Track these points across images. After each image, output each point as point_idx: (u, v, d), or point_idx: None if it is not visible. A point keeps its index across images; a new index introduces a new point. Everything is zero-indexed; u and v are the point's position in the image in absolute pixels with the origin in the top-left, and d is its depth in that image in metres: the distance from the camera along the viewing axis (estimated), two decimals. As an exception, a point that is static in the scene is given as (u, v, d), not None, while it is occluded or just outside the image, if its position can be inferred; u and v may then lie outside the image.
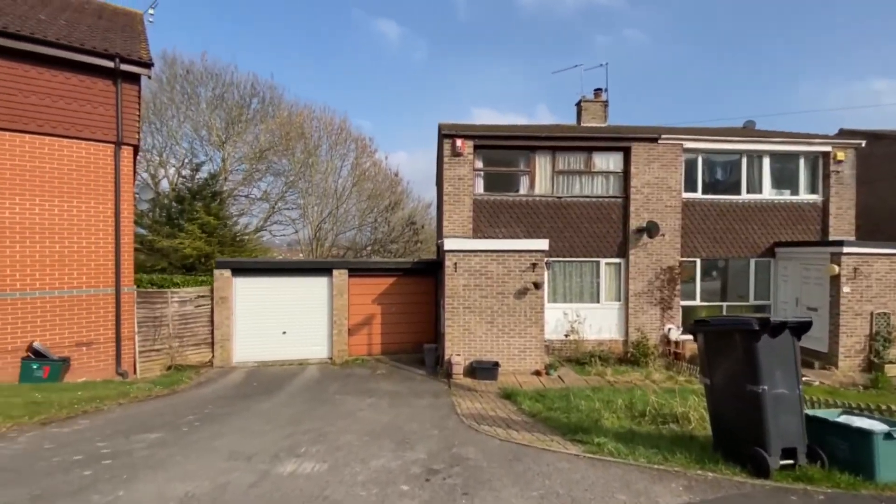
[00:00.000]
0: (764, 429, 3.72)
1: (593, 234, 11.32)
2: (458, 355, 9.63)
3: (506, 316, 9.86)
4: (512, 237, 11.10)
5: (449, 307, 9.80)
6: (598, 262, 11.35)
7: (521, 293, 9.84)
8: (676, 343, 10.88)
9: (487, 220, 11.45)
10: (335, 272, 11.39)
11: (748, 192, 11.59)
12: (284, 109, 21.66)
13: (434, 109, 62.09)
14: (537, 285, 9.76)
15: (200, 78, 20.24)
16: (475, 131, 11.62)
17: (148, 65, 8.96)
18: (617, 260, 11.32)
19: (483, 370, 9.31)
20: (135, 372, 9.48)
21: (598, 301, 11.32)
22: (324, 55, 58.61)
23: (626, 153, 11.25)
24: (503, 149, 11.66)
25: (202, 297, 10.93)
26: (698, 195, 11.49)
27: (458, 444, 4.74)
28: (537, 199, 11.39)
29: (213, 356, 10.88)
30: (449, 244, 9.93)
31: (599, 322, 11.16)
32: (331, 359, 11.33)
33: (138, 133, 9.34)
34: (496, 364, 9.38)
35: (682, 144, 11.27)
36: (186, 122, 20.78)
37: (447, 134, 11.26)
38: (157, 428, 5.16)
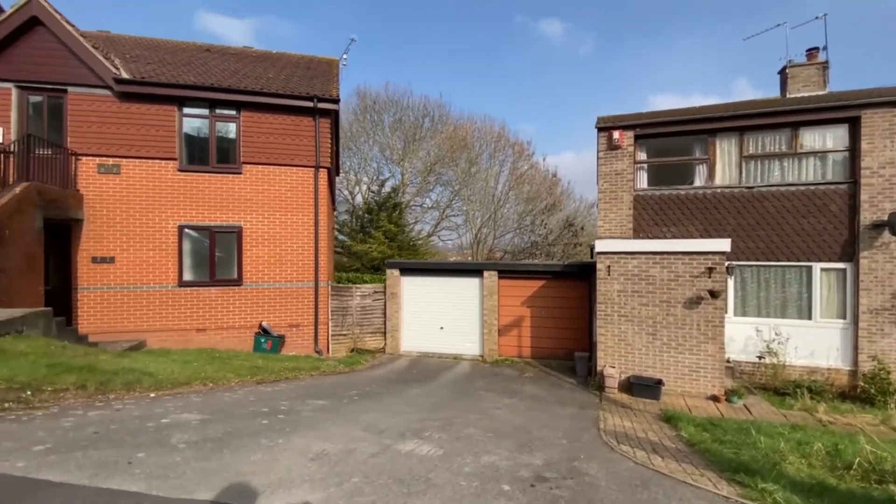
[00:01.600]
0: None
1: (800, 231, 8.95)
2: (612, 367, 8.81)
3: (672, 328, 8.59)
4: (684, 237, 9.62)
5: (601, 314, 9.08)
6: (808, 268, 8.91)
7: (693, 302, 8.43)
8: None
9: (652, 218, 10.19)
10: (485, 273, 11.77)
11: None
12: (451, 124, 23.46)
13: (603, 104, 57.97)
14: (714, 294, 8.22)
15: (384, 106, 23.54)
16: (636, 120, 10.48)
17: (336, 100, 10.91)
18: (840, 265, 8.68)
19: (642, 387, 8.30)
20: (328, 351, 11.59)
21: (808, 317, 8.88)
22: (487, 66, 61.14)
23: (854, 125, 8.56)
24: (672, 135, 10.21)
25: (377, 292, 12.66)
26: None
27: (583, 457, 4.38)
28: (718, 191, 9.61)
29: (385, 343, 12.48)
30: (600, 245, 9.21)
31: (811, 344, 8.74)
32: (482, 356, 11.72)
33: (330, 157, 11.45)
34: (659, 382, 8.25)
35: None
36: (375, 145, 24.42)
37: (603, 127, 10.47)
38: (326, 397, 6.25)
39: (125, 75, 9.65)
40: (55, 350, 6.01)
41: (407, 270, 12.62)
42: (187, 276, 10.31)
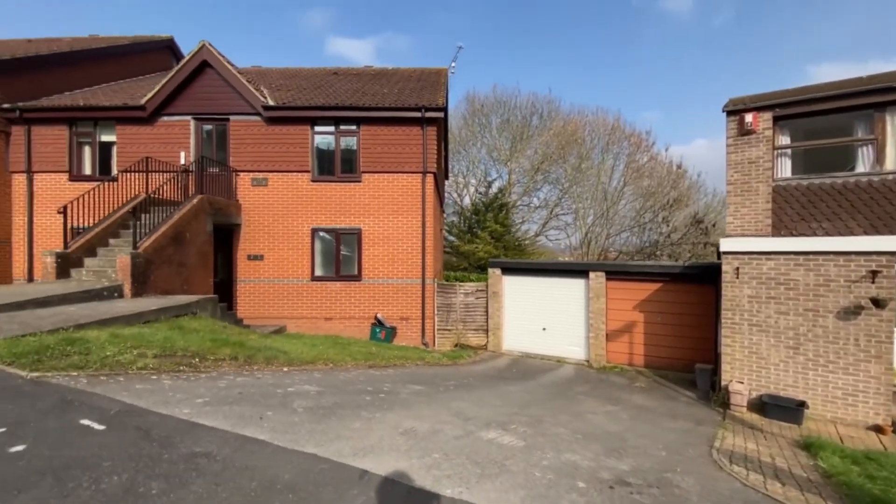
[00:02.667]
0: None
1: None
2: (741, 383, 7.78)
3: (820, 342, 7.30)
4: (841, 234, 8.05)
5: (728, 322, 8.08)
6: None
7: (850, 313, 7.07)
8: None
9: (797, 212, 8.71)
10: (591, 274, 11.27)
11: None
12: (560, 120, 22.78)
13: (743, 82, 50.32)
14: (879, 303, 6.78)
15: (492, 108, 23.88)
16: (776, 98, 9.05)
17: (441, 108, 11.53)
18: None
19: (778, 408, 7.20)
20: (434, 344, 12.27)
21: None
22: (602, 55, 57.40)
23: None
24: (825, 113, 8.59)
25: (480, 290, 12.99)
26: None
27: (679, 470, 4.04)
28: (890, 178, 7.82)
29: (487, 341, 12.74)
30: (726, 244, 8.21)
31: None
32: (587, 361, 11.25)
33: (437, 163, 12.13)
34: (801, 404, 7.07)
35: None
36: (482, 147, 24.91)
37: (733, 110, 9.27)
38: (424, 384, 6.72)
39: (271, 102, 11.53)
40: (218, 329, 7.52)
41: (508, 270, 12.71)
42: (318, 272, 11.88)
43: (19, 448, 2.92)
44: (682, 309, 10.25)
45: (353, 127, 11.80)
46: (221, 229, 11.21)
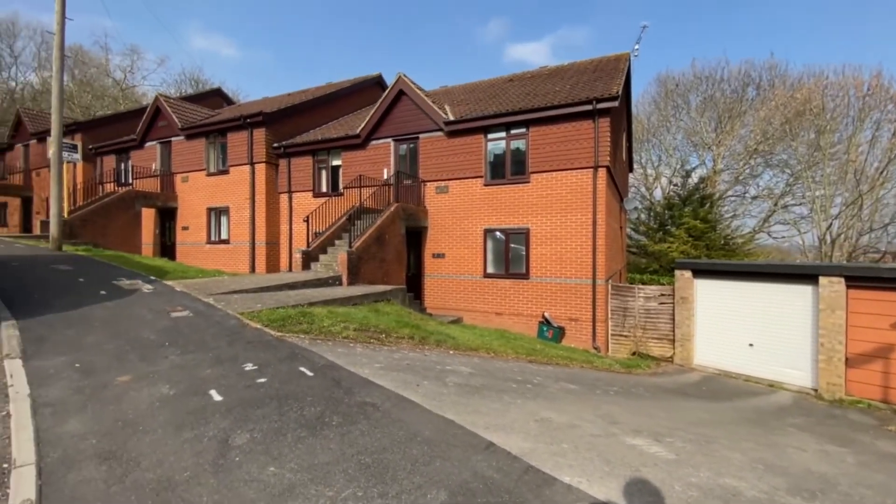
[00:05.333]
0: None
1: None
2: None
3: None
4: None
5: None
6: None
7: None
8: None
9: None
10: (823, 280, 8.88)
11: None
12: (787, 88, 18.26)
13: None
14: None
15: (690, 86, 20.88)
16: None
17: (615, 97, 10.86)
18: None
19: None
20: (606, 350, 11.61)
21: None
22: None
23: None
24: None
25: (664, 294, 11.66)
26: None
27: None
28: None
29: (673, 353, 11.35)
30: None
31: None
32: (814, 390, 8.93)
33: (610, 155, 11.46)
34: None
35: None
36: (678, 132, 22.01)
37: None
38: (580, 384, 6.56)
39: (451, 118, 12.88)
40: (403, 314, 8.91)
41: (702, 272, 11.06)
42: (489, 270, 12.68)
43: (263, 380, 4.27)
44: (984, 332, 7.15)
45: (523, 130, 12.17)
46: (412, 231, 13.09)
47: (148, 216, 18.29)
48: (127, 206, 16.03)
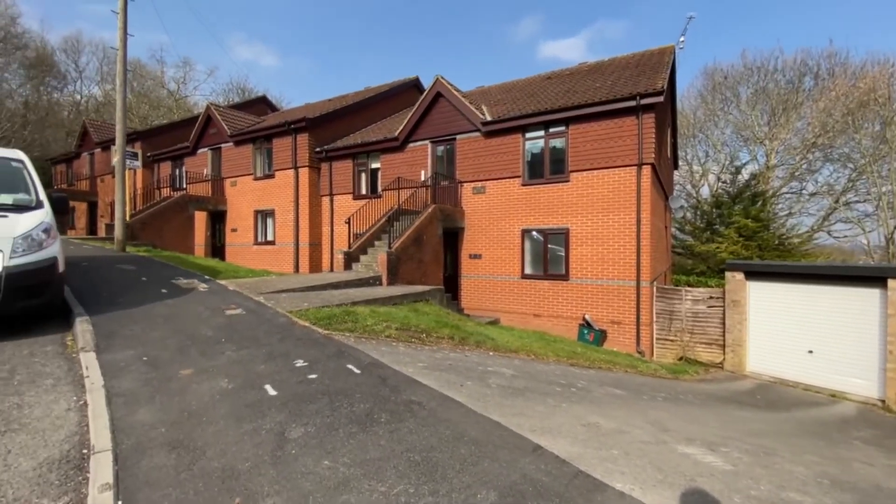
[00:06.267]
0: None
1: None
2: None
3: None
4: None
5: None
6: None
7: None
8: None
9: None
10: (892, 283, 8.23)
11: None
12: (848, 77, 17.01)
13: None
14: None
15: (739, 77, 19.85)
16: None
17: (660, 92, 10.48)
18: None
19: None
20: (651, 354, 11.22)
21: None
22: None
23: None
24: None
25: (714, 297, 11.15)
26: None
27: None
28: None
29: (724, 359, 10.84)
30: None
31: None
32: (882, 401, 8.29)
33: (654, 152, 11.07)
34: None
35: None
36: (727, 126, 20.98)
37: None
38: (626, 389, 6.38)
39: (488, 118, 12.85)
40: (442, 314, 8.98)
41: (755, 274, 10.50)
42: (527, 270, 12.55)
43: (313, 376, 4.43)
44: None
45: (562, 128, 11.96)
46: (449, 232, 13.16)
47: (200, 219, 19.33)
48: (181, 209, 17.01)
